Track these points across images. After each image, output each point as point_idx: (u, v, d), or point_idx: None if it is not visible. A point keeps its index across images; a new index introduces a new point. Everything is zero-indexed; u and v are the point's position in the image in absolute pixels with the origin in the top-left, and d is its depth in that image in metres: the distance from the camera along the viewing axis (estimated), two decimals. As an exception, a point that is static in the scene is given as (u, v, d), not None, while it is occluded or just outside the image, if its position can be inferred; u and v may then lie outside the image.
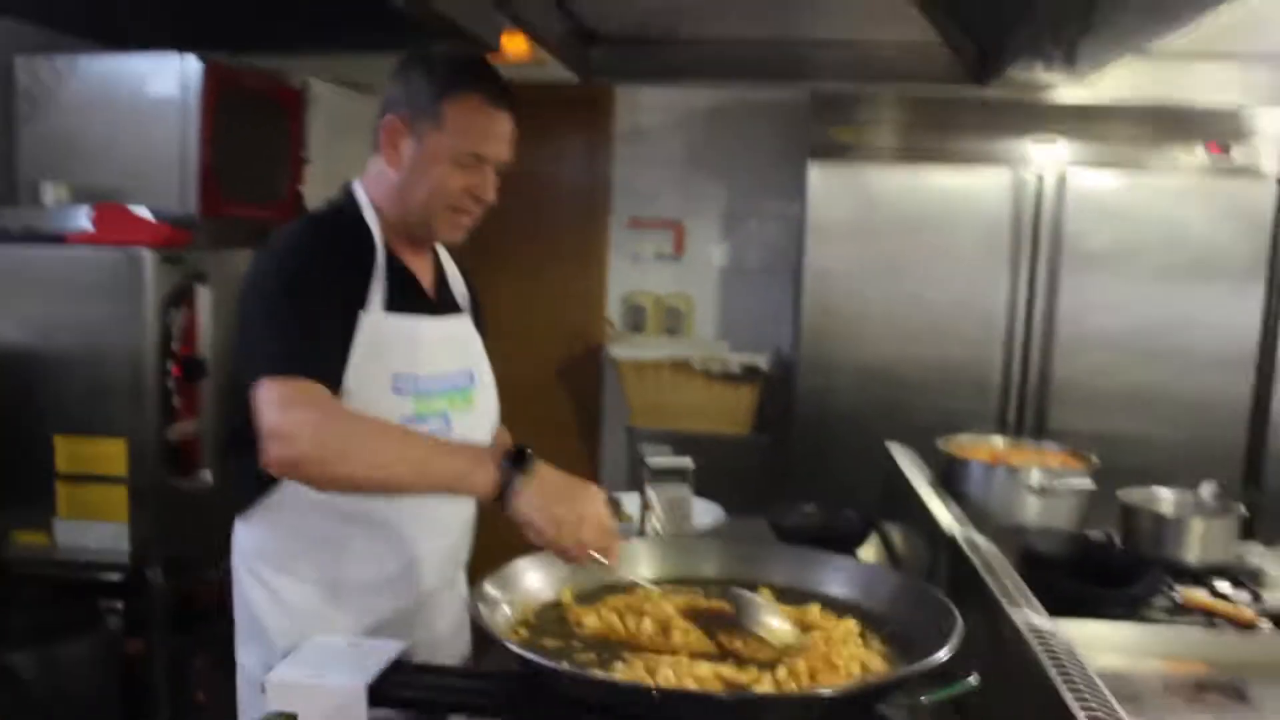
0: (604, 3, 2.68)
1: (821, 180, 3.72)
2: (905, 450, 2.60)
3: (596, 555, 1.50)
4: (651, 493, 2.19)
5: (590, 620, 1.48)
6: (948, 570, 1.79)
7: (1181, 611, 1.90)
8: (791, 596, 1.56)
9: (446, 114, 1.69)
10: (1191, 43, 3.01)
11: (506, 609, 1.47)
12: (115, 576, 2.83)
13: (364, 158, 1.81)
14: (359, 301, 1.69)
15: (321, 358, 1.59)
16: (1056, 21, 2.53)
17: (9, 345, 2.82)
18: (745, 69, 3.11)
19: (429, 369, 1.76)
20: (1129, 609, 1.84)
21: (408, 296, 1.76)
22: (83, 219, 2.93)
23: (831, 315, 3.79)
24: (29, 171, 3.24)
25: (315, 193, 3.57)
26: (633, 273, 4.76)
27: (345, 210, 1.78)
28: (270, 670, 1.42)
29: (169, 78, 3.14)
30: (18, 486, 2.84)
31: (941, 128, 3.73)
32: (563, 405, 4.91)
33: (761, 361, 4.06)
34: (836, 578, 1.59)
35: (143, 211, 2.97)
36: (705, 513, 2.49)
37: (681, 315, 4.64)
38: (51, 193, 3.10)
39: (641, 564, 1.63)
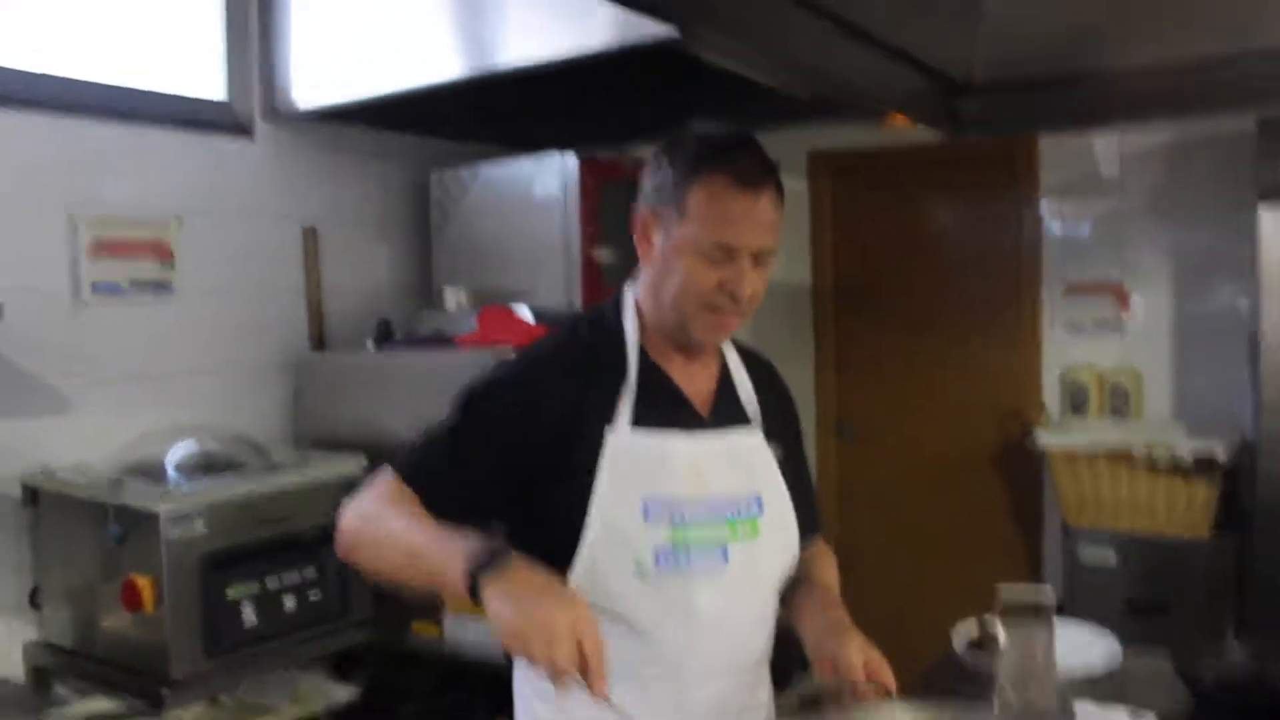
0: (961, 50, 2.35)
1: (1276, 227, 3.04)
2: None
3: (579, 679, 1.24)
4: (1000, 632, 1.80)
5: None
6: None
7: None
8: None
9: (689, 201, 1.50)
10: None
11: None
12: (491, 671, 2.88)
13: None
14: (605, 417, 1.54)
15: (438, 475, 1.52)
16: None
17: (398, 441, 3.00)
18: (1161, 102, 2.61)
19: (693, 492, 1.55)
20: None
21: (664, 409, 1.58)
22: (472, 321, 3.09)
23: (1298, 391, 3.06)
24: (440, 277, 3.50)
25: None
26: (1071, 345, 4.20)
27: (606, 315, 1.65)
28: None
29: (551, 177, 3.25)
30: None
31: None
32: (998, 496, 4.43)
33: (1219, 449, 3.34)
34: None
35: (523, 311, 3.07)
36: (1090, 644, 2.04)
37: (1128, 394, 4.01)
38: (452, 297, 3.31)
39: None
